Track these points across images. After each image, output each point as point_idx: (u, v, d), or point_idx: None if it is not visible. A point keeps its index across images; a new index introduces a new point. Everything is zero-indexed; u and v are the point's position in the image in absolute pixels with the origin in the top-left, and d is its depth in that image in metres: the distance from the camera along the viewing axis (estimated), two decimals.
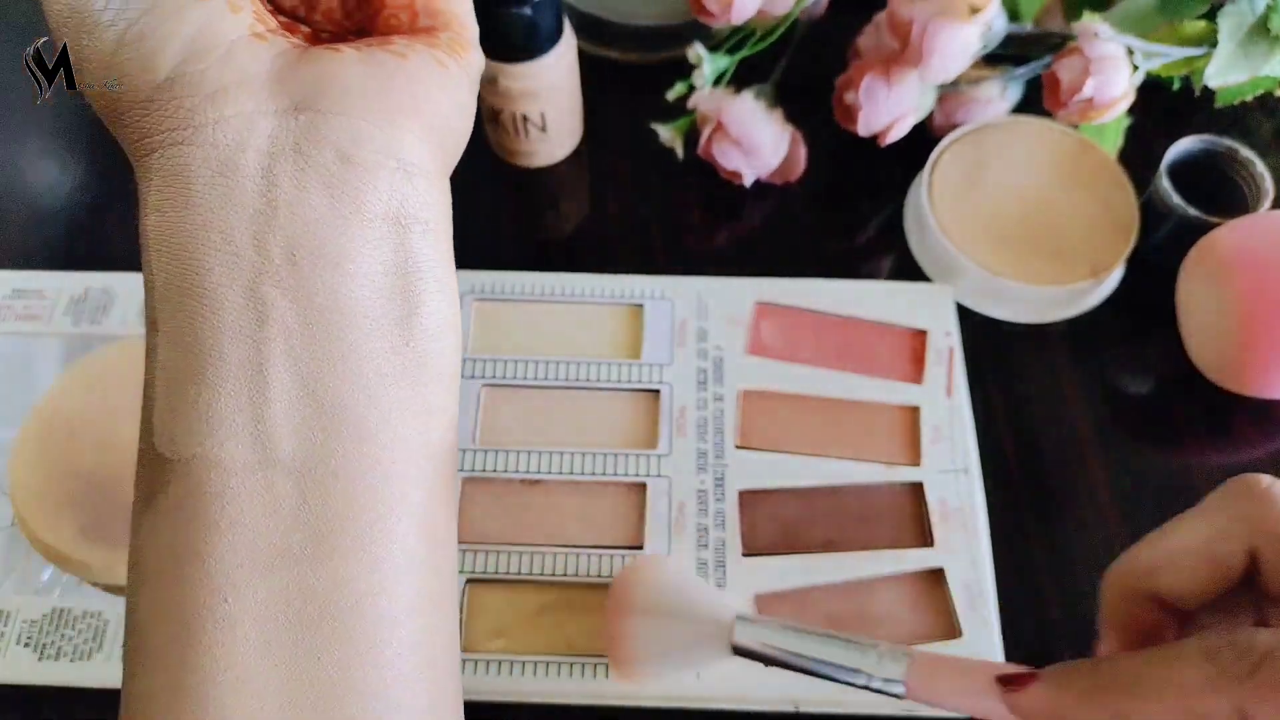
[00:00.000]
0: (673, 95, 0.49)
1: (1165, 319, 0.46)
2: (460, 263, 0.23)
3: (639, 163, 0.52)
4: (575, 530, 0.41)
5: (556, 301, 0.46)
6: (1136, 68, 0.45)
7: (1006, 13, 0.46)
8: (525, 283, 0.47)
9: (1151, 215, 0.47)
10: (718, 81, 0.49)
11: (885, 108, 0.47)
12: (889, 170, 0.52)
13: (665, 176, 0.52)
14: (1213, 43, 0.45)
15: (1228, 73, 0.45)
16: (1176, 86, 0.49)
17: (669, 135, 0.50)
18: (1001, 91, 0.50)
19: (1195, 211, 0.45)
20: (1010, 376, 0.46)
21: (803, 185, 0.51)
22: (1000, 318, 0.47)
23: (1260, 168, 0.46)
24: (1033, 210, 0.48)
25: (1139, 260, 0.47)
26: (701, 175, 0.51)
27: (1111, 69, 0.44)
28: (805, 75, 0.51)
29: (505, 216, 0.52)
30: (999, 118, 0.50)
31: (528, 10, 0.43)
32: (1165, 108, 0.51)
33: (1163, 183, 0.46)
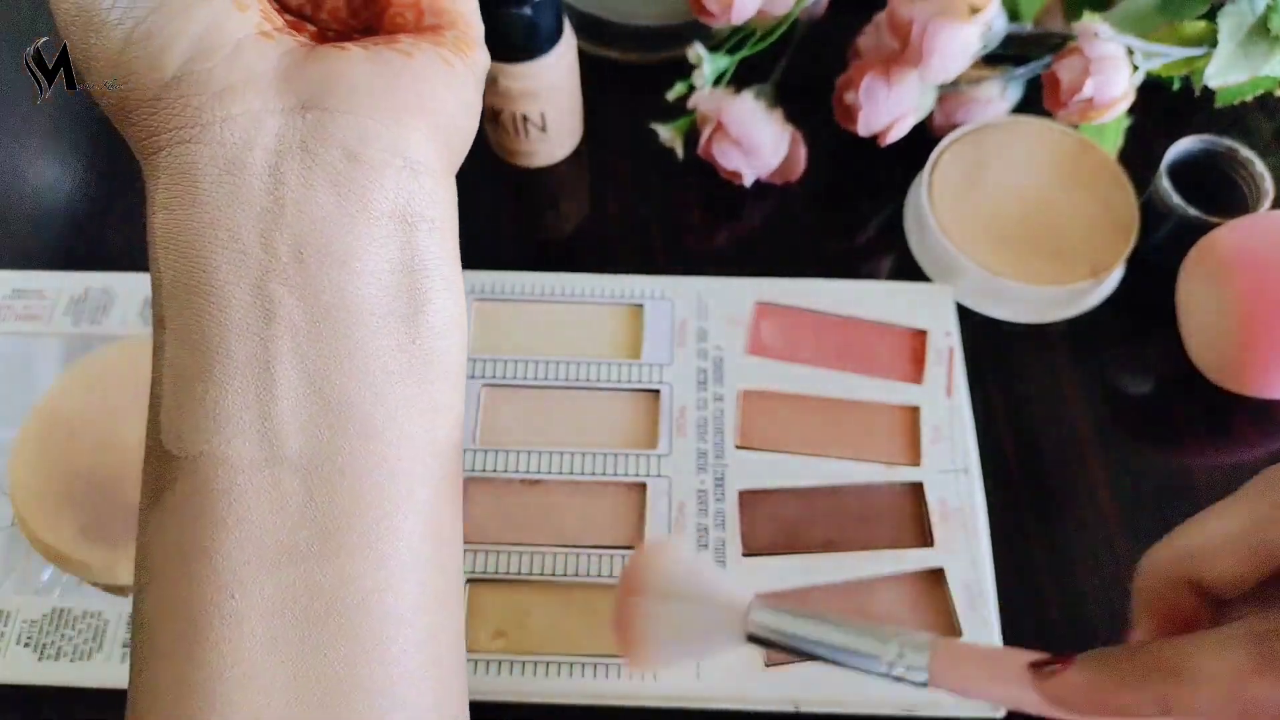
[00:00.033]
0: (673, 95, 0.49)
1: (1165, 319, 0.46)
2: (460, 262, 0.23)
3: (639, 163, 0.52)
4: (575, 530, 0.41)
5: (556, 301, 0.46)
6: (1136, 68, 0.45)
7: (1006, 13, 0.46)
8: (525, 283, 0.47)
9: (1151, 215, 0.47)
10: (718, 81, 0.49)
11: (885, 108, 0.47)
12: (889, 170, 0.52)
13: (665, 176, 0.52)
14: (1213, 43, 0.45)
15: (1228, 73, 0.45)
16: (1176, 86, 0.49)
17: (669, 135, 0.50)
18: (1001, 91, 0.50)
19: (1195, 211, 0.45)
20: (1010, 376, 0.46)
21: (803, 185, 0.51)
22: (1000, 318, 0.47)
23: (1260, 168, 0.46)
24: (1033, 210, 0.48)
25: (1139, 260, 0.47)
26: (701, 175, 0.51)
27: (1111, 69, 0.44)
28: (805, 75, 0.51)
29: (505, 216, 0.52)
30: (999, 118, 0.50)
31: (528, 10, 0.43)
32: (1165, 108, 0.51)
33: (1163, 183, 0.46)
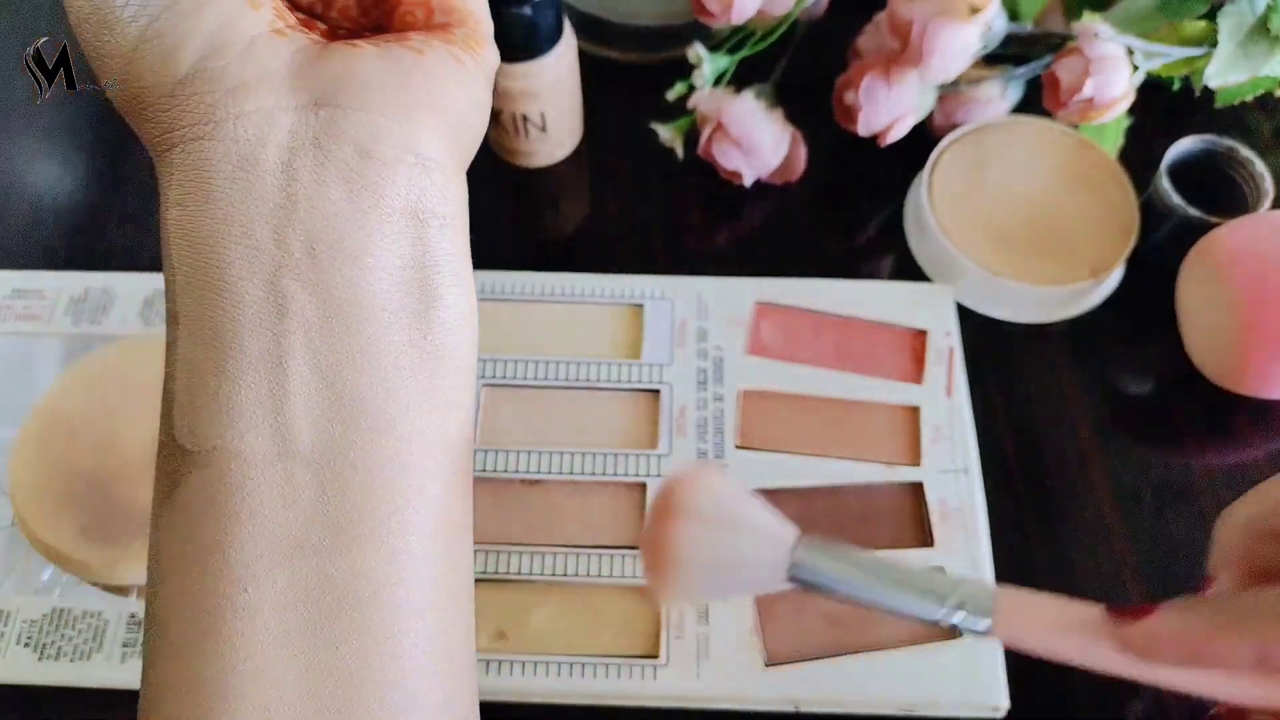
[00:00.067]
0: (673, 95, 0.49)
1: (1165, 319, 0.46)
2: (471, 259, 0.23)
3: (639, 163, 0.52)
4: (575, 530, 0.41)
5: (556, 301, 0.46)
6: (1136, 68, 0.45)
7: (1006, 13, 0.46)
8: (525, 283, 0.47)
9: (1151, 215, 0.47)
10: (718, 81, 0.49)
11: (885, 108, 0.47)
12: (889, 170, 0.51)
13: (665, 176, 0.52)
14: (1213, 43, 0.45)
15: (1228, 73, 0.45)
16: (1176, 86, 0.49)
17: (669, 135, 0.50)
18: (1001, 91, 0.50)
19: (1195, 211, 0.45)
20: (1010, 376, 0.46)
21: (803, 185, 0.51)
22: (1000, 318, 0.47)
23: (1260, 168, 0.46)
24: (1033, 210, 0.48)
25: (1139, 260, 0.47)
26: (701, 175, 0.51)
27: (1111, 69, 0.44)
28: (805, 75, 0.51)
29: (505, 216, 0.52)
30: (999, 118, 0.50)
31: (528, 10, 0.43)
32: (1165, 108, 0.51)
33: (1163, 183, 0.46)
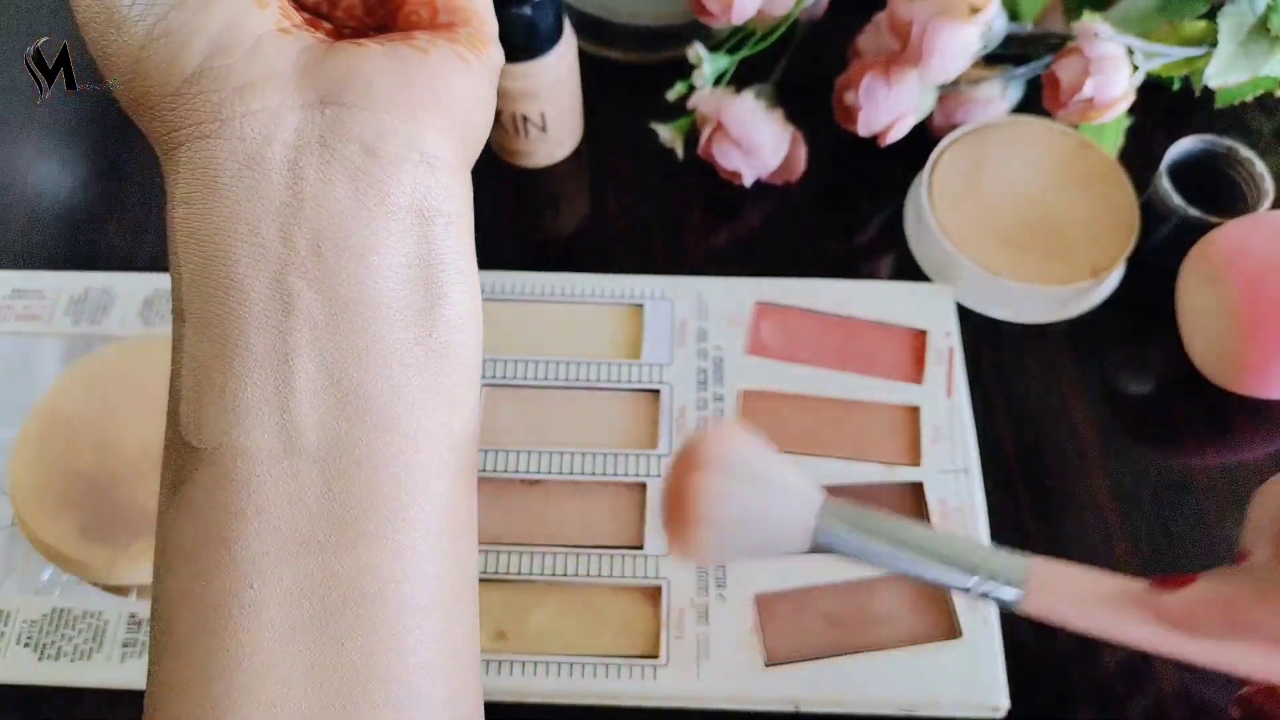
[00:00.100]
0: (673, 95, 0.49)
1: (1165, 319, 0.46)
2: (476, 257, 0.23)
3: (639, 163, 0.52)
4: (575, 530, 0.41)
5: (556, 301, 0.46)
6: (1136, 68, 0.45)
7: (1006, 13, 0.46)
8: (525, 283, 0.47)
9: (1151, 215, 0.47)
10: (718, 81, 0.49)
11: (885, 108, 0.47)
12: (889, 170, 0.52)
13: (665, 176, 0.52)
14: (1213, 43, 0.45)
15: (1228, 73, 0.45)
16: (1176, 86, 0.49)
17: (669, 135, 0.50)
18: (1001, 91, 0.50)
19: (1195, 211, 0.45)
20: (1010, 376, 0.46)
21: (803, 185, 0.51)
22: (1000, 318, 0.47)
23: (1260, 168, 0.46)
24: (1033, 210, 0.48)
25: (1139, 260, 0.47)
26: (701, 175, 0.51)
27: (1111, 69, 0.44)
28: (805, 75, 0.51)
29: (505, 216, 0.52)
30: (999, 118, 0.50)
31: (528, 10, 0.43)
32: (1165, 108, 0.51)
33: (1163, 183, 0.46)
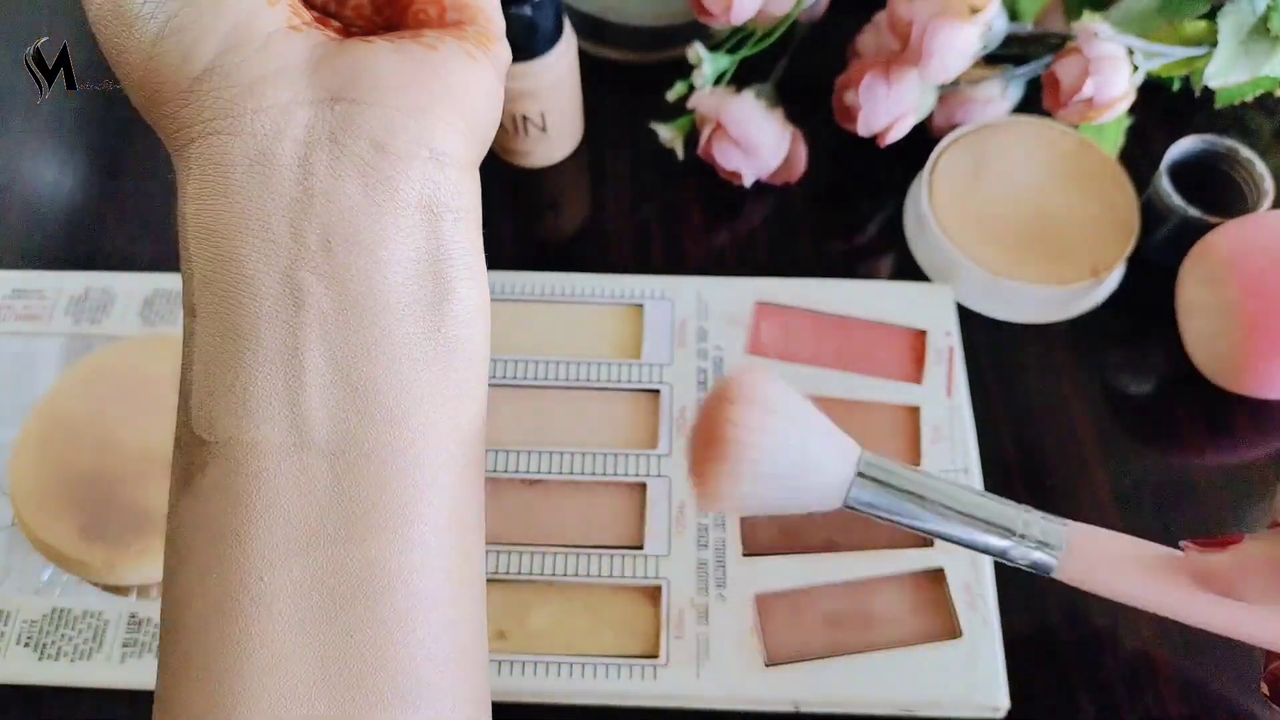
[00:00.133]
0: (673, 95, 0.49)
1: (1165, 319, 0.46)
2: (484, 253, 0.23)
3: (639, 163, 0.52)
4: (575, 530, 0.41)
5: (556, 301, 0.46)
6: (1136, 68, 0.45)
7: (1006, 13, 0.46)
8: (525, 283, 0.47)
9: (1151, 215, 0.47)
10: (718, 81, 0.49)
11: (885, 108, 0.47)
12: (889, 170, 0.52)
13: (665, 176, 0.52)
14: (1213, 43, 0.45)
15: (1228, 73, 0.45)
16: (1176, 86, 0.49)
17: (669, 135, 0.50)
18: (1001, 91, 0.50)
19: (1195, 211, 0.45)
20: (1010, 376, 0.46)
21: (803, 185, 0.51)
22: (1000, 318, 0.47)
23: (1260, 168, 0.46)
24: (1033, 210, 0.48)
25: (1139, 260, 0.47)
26: (701, 175, 0.51)
27: (1111, 69, 0.44)
28: (805, 75, 0.51)
29: (505, 216, 0.52)
30: (999, 118, 0.50)
31: (528, 10, 0.43)
32: (1165, 108, 0.51)
33: (1163, 183, 0.46)
